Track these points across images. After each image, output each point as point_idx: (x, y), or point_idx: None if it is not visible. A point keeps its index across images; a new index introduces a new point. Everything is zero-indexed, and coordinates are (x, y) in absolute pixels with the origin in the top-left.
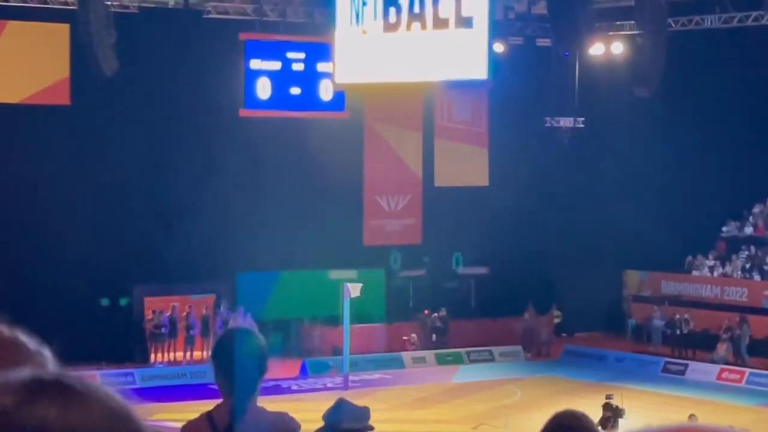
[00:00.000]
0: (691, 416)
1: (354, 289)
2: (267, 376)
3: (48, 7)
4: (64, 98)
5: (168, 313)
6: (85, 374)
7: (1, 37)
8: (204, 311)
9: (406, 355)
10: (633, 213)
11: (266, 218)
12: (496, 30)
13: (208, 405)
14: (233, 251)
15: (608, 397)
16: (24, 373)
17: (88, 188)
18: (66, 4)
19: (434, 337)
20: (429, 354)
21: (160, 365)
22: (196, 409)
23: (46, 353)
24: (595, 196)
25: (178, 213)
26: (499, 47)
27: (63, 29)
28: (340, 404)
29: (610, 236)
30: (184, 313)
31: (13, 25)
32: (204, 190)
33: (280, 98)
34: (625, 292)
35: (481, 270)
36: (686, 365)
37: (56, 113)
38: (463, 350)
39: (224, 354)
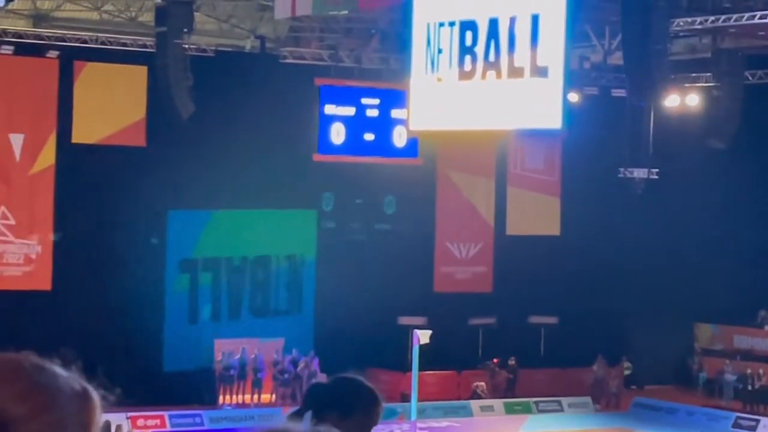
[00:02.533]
0: None
1: (423, 336)
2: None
3: (126, 50)
4: (140, 140)
5: (237, 356)
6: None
7: (80, 78)
8: (274, 355)
9: (475, 404)
10: (705, 265)
11: (338, 262)
12: (572, 80)
13: None
14: (307, 289)
15: None
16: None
17: (161, 229)
18: (144, 46)
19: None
20: (497, 403)
21: (229, 407)
22: None
23: (93, 396)
24: (667, 248)
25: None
26: (573, 97)
27: (141, 71)
28: None
29: (681, 288)
30: (253, 356)
31: (92, 66)
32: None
33: (353, 144)
34: (697, 345)
35: (551, 320)
36: (758, 421)
37: (132, 154)
38: (531, 400)
39: (337, 403)
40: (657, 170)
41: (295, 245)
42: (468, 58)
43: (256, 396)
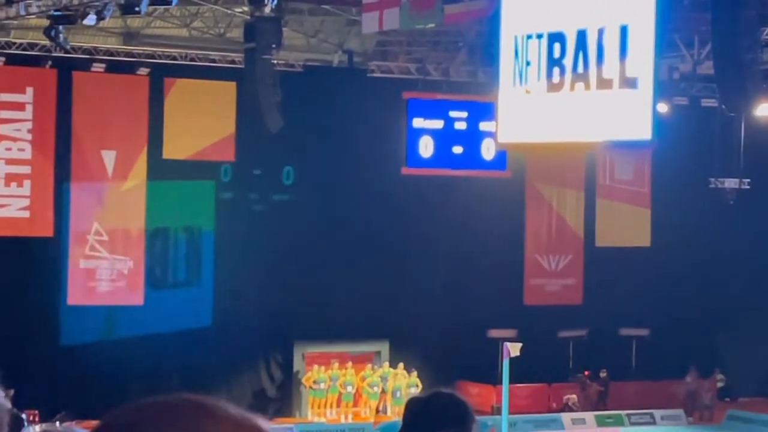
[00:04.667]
0: None
1: (513, 349)
2: None
3: (215, 66)
4: (229, 155)
5: (328, 370)
6: None
7: (170, 94)
8: (367, 369)
9: (566, 416)
10: None
11: (427, 276)
12: (661, 90)
13: None
14: (392, 308)
15: None
16: None
17: (252, 243)
18: (233, 62)
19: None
20: (589, 415)
21: (319, 421)
22: None
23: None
24: (759, 258)
25: (339, 269)
26: (663, 107)
27: (230, 87)
28: None
29: None
30: (343, 370)
31: (181, 83)
32: (365, 248)
33: (442, 157)
34: None
35: (643, 332)
36: None
37: (221, 169)
38: (623, 412)
39: (453, 420)
40: (748, 180)
41: None
42: (556, 70)
43: (346, 410)
